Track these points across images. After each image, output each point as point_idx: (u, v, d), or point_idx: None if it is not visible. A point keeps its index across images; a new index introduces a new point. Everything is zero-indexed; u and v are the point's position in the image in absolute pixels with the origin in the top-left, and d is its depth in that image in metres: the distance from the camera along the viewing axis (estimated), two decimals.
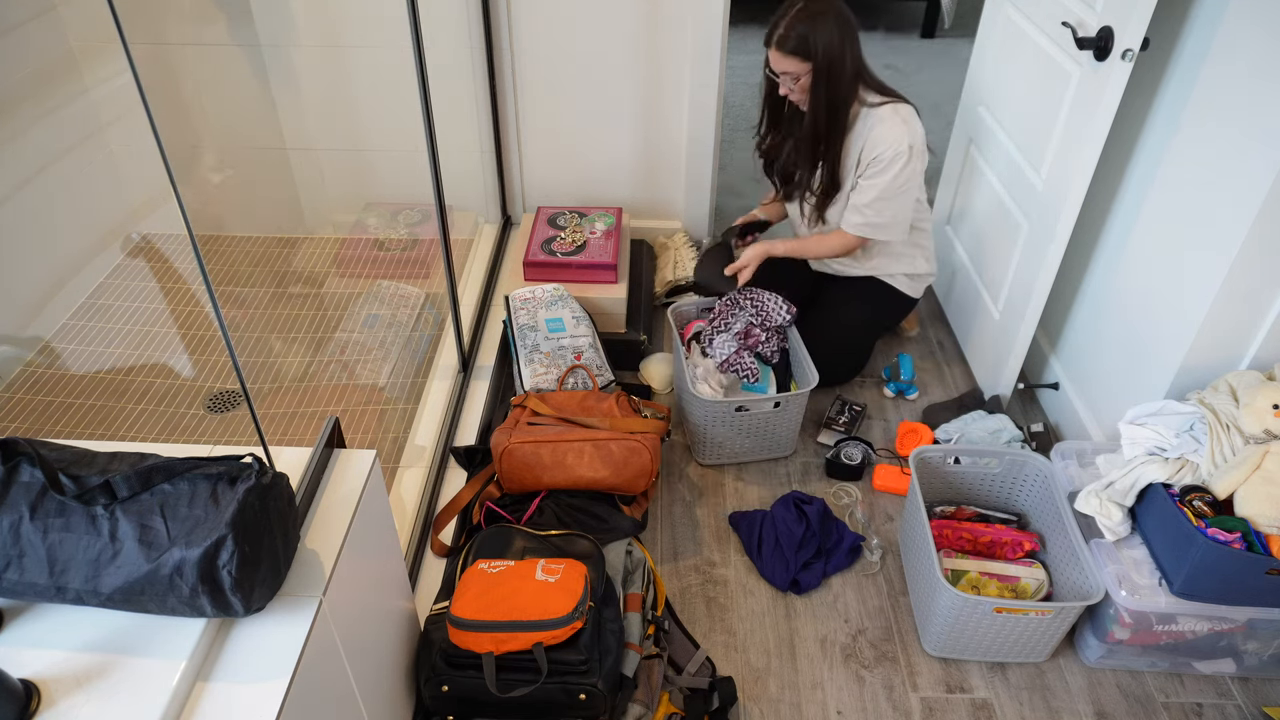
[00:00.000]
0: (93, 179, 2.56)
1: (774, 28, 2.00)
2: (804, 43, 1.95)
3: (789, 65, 1.99)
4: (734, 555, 1.98)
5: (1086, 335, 2.16)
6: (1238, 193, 1.59)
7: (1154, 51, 1.84)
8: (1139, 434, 1.69)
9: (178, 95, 2.62)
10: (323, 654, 1.08)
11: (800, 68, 1.99)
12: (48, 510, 0.96)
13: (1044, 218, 2.02)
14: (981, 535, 1.86)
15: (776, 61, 2.01)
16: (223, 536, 0.94)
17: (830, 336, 2.28)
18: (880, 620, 1.84)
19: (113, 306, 2.46)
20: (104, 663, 0.97)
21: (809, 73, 1.99)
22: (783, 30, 1.97)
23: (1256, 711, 1.68)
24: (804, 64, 1.98)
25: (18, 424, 2.10)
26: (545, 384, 2.13)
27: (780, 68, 2.01)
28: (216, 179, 2.81)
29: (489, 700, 1.44)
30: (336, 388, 2.24)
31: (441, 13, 2.38)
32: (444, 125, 1.92)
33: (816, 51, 1.96)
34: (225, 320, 2.41)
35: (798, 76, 2.01)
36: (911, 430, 2.25)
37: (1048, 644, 1.71)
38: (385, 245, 2.72)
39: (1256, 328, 1.68)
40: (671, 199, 2.84)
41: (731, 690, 1.66)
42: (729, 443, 2.13)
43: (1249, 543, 1.50)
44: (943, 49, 4.58)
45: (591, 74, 2.56)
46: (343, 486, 1.21)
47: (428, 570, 1.76)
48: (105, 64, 2.44)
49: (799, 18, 1.95)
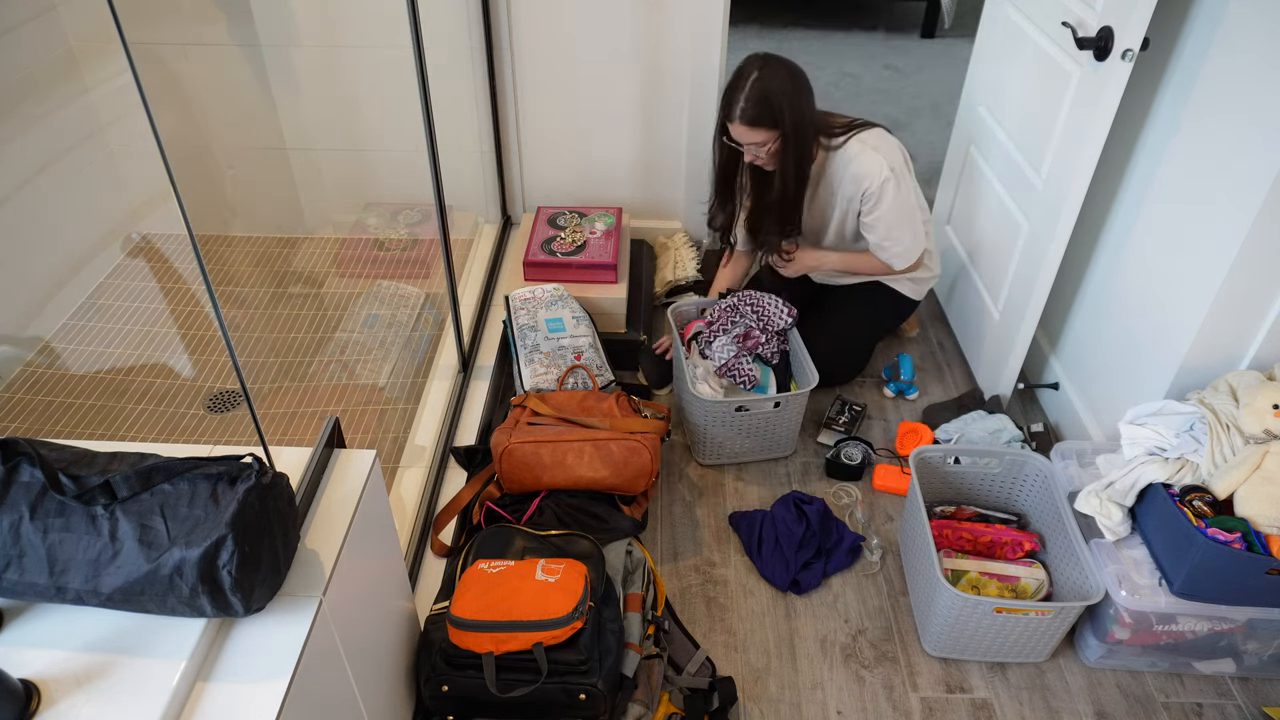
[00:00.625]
0: (93, 179, 2.56)
1: (732, 103, 1.96)
2: (769, 112, 1.94)
3: (756, 136, 1.98)
4: (734, 555, 1.98)
5: (1086, 335, 2.16)
6: (1238, 193, 1.59)
7: (1154, 51, 1.84)
8: (1139, 434, 1.69)
9: (178, 95, 2.62)
10: (323, 654, 1.08)
11: (768, 136, 1.97)
12: (48, 510, 0.96)
13: (1044, 218, 2.02)
14: (981, 535, 1.86)
15: (743, 134, 1.98)
16: (223, 536, 0.94)
17: (832, 338, 2.29)
18: (880, 620, 1.84)
19: (113, 306, 2.46)
20: (104, 663, 0.96)
21: (776, 139, 1.98)
22: (744, 104, 1.94)
23: (1256, 711, 1.68)
24: (771, 133, 1.97)
25: (18, 424, 2.10)
26: (545, 384, 2.13)
27: (747, 140, 1.99)
28: (216, 179, 2.81)
29: (489, 700, 1.44)
30: (336, 388, 2.24)
31: (441, 13, 2.38)
32: (444, 125, 1.92)
33: (783, 118, 1.95)
34: (225, 320, 2.41)
35: (765, 144, 1.99)
36: (911, 430, 2.25)
37: (1048, 644, 1.71)
38: (385, 245, 2.72)
39: (1256, 328, 1.68)
40: (671, 199, 2.84)
41: (731, 690, 1.66)
42: (729, 443, 2.13)
43: (1249, 543, 1.50)
44: (943, 49, 4.59)
45: (591, 74, 2.56)
46: (343, 486, 1.21)
47: (428, 570, 1.76)
48: (105, 64, 2.44)
49: (757, 89, 1.93)
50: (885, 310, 2.38)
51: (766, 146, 2.00)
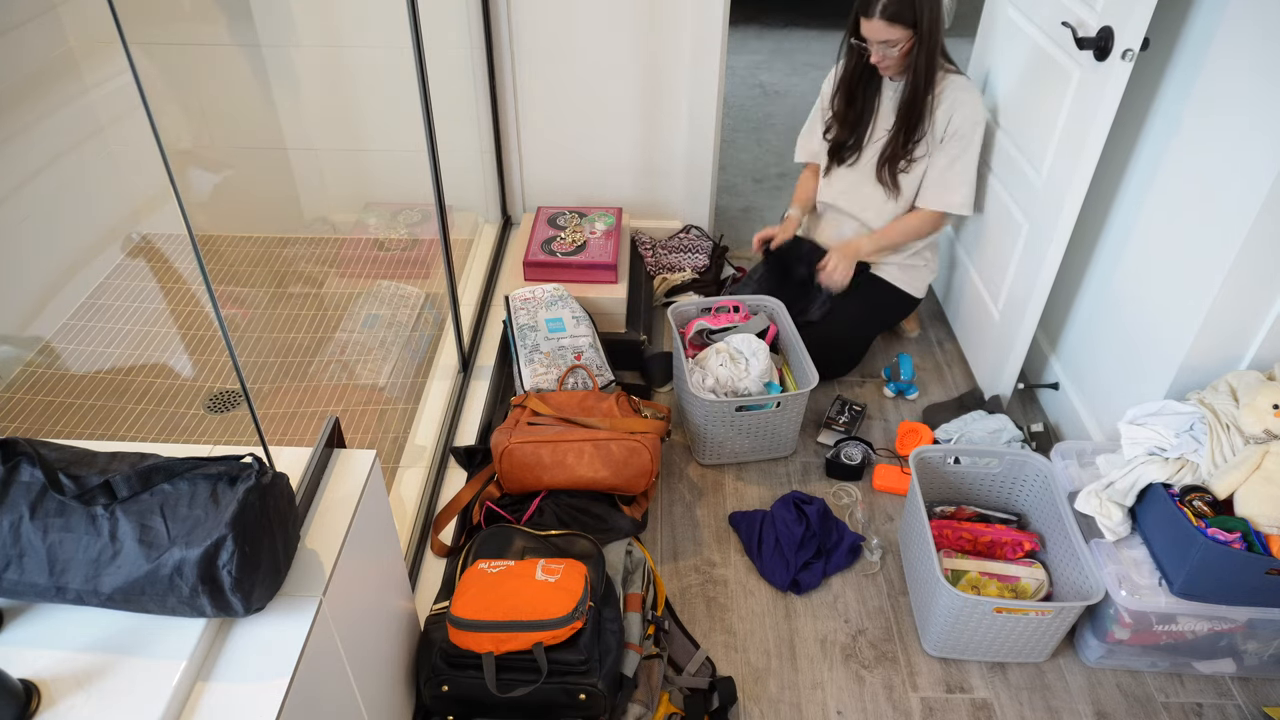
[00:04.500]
0: (93, 179, 2.56)
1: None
2: (909, 10, 1.97)
3: (892, 34, 2.00)
4: (734, 555, 1.98)
5: (1086, 335, 2.16)
6: (1238, 192, 1.59)
7: (1154, 51, 1.84)
8: (1139, 434, 1.69)
9: (178, 95, 2.62)
10: (323, 654, 1.08)
11: (903, 35, 2.00)
12: (48, 510, 0.96)
13: (1044, 218, 2.02)
14: (981, 535, 1.86)
15: (878, 31, 2.00)
16: (223, 536, 0.94)
17: (830, 330, 2.28)
18: (880, 620, 1.84)
19: (113, 306, 2.46)
20: (104, 663, 0.96)
21: (910, 39, 2.01)
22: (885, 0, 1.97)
23: (1256, 711, 1.68)
24: (907, 31, 2.00)
25: (18, 424, 2.10)
26: (545, 384, 2.13)
27: (882, 37, 2.01)
28: (216, 179, 2.81)
29: (489, 700, 1.44)
30: (336, 388, 2.24)
31: (441, 13, 2.38)
32: (444, 125, 1.92)
33: (921, 17, 1.98)
34: (225, 320, 2.41)
35: (897, 44, 2.01)
36: (911, 430, 2.25)
37: (1048, 644, 1.71)
38: (385, 245, 2.72)
39: (1256, 328, 1.68)
40: (671, 199, 2.84)
41: (731, 690, 1.66)
42: (729, 443, 2.13)
43: (1249, 543, 1.50)
44: None
45: (591, 74, 2.56)
46: (343, 486, 1.21)
47: (428, 570, 1.76)
48: (105, 64, 2.44)
49: None
50: (883, 305, 2.38)
51: (900, 46, 2.02)
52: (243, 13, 2.47)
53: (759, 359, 2.10)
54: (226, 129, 2.72)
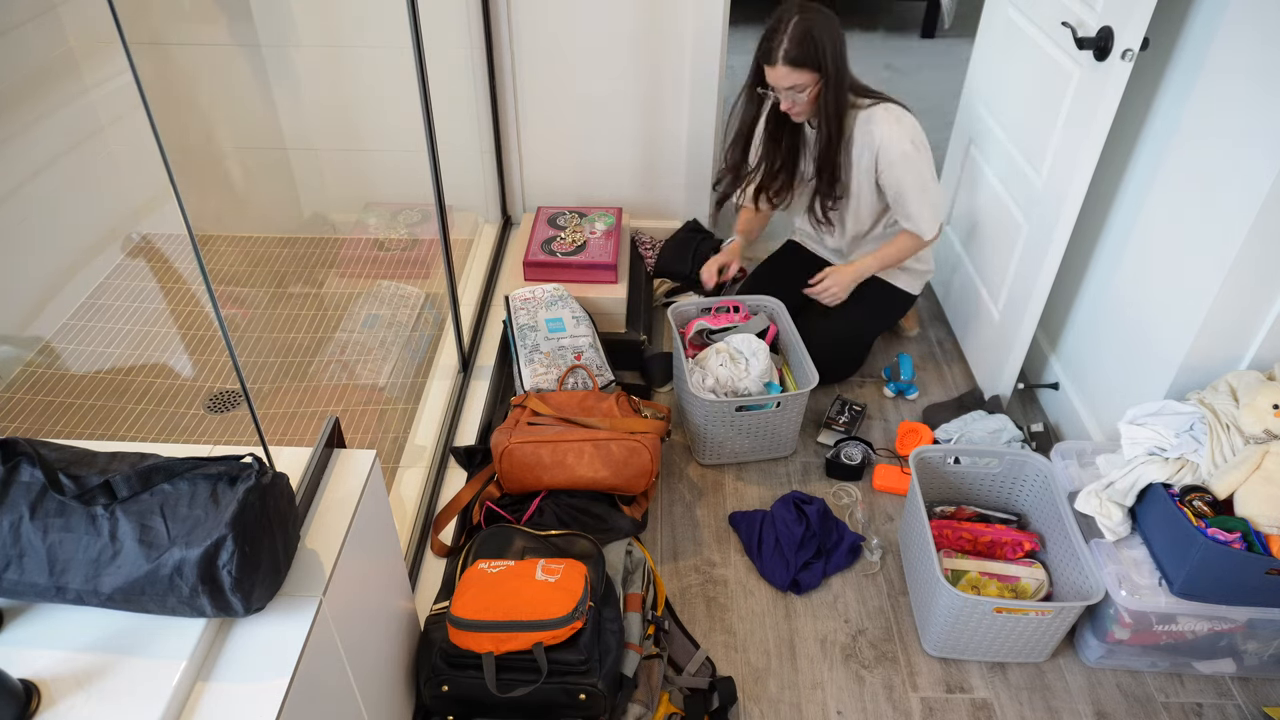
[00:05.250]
0: (93, 179, 2.56)
1: (772, 46, 1.93)
2: (813, 53, 1.91)
3: (798, 79, 1.94)
4: (734, 555, 1.98)
5: (1086, 335, 2.16)
6: (1238, 192, 1.59)
7: (1154, 51, 1.84)
8: (1139, 434, 1.69)
9: (178, 95, 2.62)
10: (323, 654, 1.08)
11: (809, 79, 1.94)
12: (48, 510, 0.96)
13: (1044, 218, 2.02)
14: (981, 535, 1.86)
15: (783, 77, 1.94)
16: (223, 536, 0.94)
17: (830, 333, 2.28)
18: (880, 620, 1.84)
19: (113, 306, 2.46)
20: (104, 663, 0.96)
21: (817, 83, 1.96)
22: (786, 44, 1.91)
23: (1256, 711, 1.68)
24: (813, 75, 1.94)
25: (18, 424, 2.10)
26: (545, 384, 2.13)
27: (788, 83, 1.95)
28: (217, 179, 2.81)
29: (489, 700, 1.44)
30: (336, 388, 2.24)
31: (441, 13, 2.38)
32: (444, 125, 1.92)
33: (825, 60, 1.92)
34: (225, 320, 2.41)
35: (804, 88, 1.96)
36: (911, 430, 2.25)
37: (1048, 644, 1.71)
38: (385, 245, 2.72)
39: (1256, 328, 1.68)
40: (671, 199, 2.84)
41: (731, 690, 1.66)
42: (729, 443, 2.13)
43: (1249, 543, 1.50)
44: (943, 49, 4.59)
45: (591, 74, 2.56)
46: (343, 486, 1.21)
47: (428, 570, 1.76)
48: (105, 64, 2.44)
49: (800, 28, 1.91)
50: (883, 305, 2.38)
51: (807, 91, 1.96)
52: (243, 13, 2.47)
53: (759, 359, 2.10)
54: (226, 129, 2.72)
